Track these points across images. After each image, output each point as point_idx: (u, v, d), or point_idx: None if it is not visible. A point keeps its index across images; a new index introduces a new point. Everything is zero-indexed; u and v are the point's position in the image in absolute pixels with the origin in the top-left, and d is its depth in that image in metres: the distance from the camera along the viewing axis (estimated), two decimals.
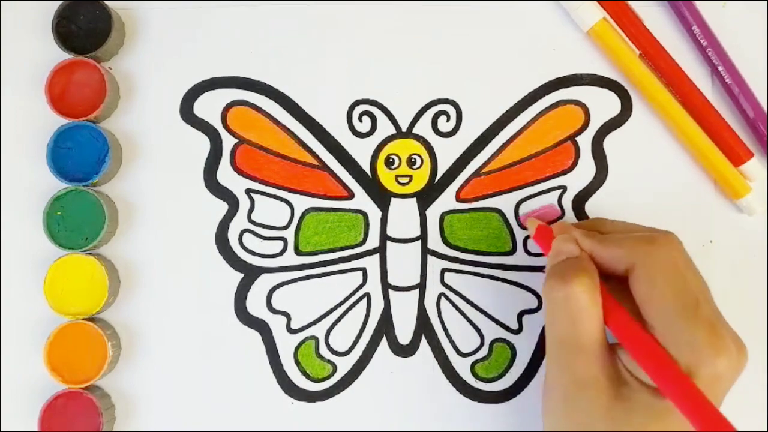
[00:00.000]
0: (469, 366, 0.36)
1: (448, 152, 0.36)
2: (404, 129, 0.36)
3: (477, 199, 0.36)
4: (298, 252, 0.36)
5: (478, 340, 0.36)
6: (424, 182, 0.36)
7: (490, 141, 0.36)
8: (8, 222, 0.36)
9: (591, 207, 0.36)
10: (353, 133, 0.36)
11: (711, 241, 0.36)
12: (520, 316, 0.36)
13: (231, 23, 0.37)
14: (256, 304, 0.36)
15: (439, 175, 0.36)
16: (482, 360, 0.36)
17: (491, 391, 0.36)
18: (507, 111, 0.36)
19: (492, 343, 0.36)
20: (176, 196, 0.36)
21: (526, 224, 0.35)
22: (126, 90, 0.36)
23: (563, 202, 0.36)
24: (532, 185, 0.36)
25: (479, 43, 0.37)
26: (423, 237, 0.36)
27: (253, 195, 0.36)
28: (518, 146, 0.36)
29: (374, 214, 0.36)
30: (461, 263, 0.36)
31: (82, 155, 0.35)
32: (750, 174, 0.36)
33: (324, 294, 0.36)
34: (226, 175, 0.36)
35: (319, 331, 0.36)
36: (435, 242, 0.36)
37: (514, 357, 0.36)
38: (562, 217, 0.36)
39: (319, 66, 0.37)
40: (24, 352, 0.35)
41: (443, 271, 0.36)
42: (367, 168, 0.36)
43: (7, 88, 0.36)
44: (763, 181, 0.36)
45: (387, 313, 0.36)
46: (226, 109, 0.36)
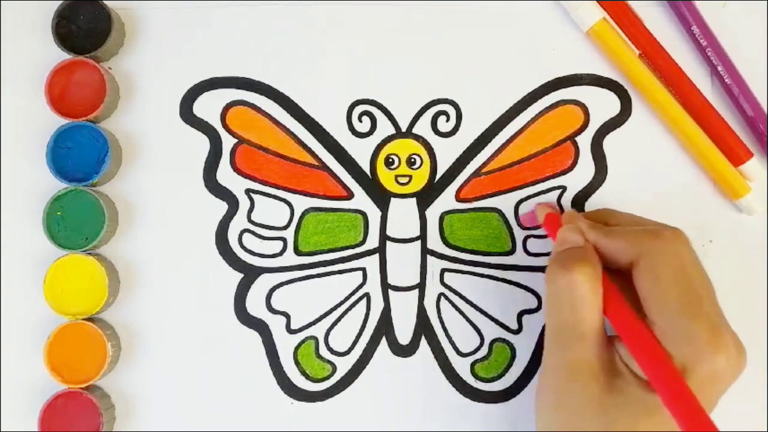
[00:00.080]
0: (469, 366, 0.36)
1: (447, 152, 0.36)
2: (404, 129, 0.36)
3: (477, 199, 0.36)
4: (297, 252, 0.36)
5: (477, 340, 0.36)
6: (423, 182, 0.36)
7: (489, 141, 0.36)
8: (8, 222, 0.36)
9: (591, 207, 0.36)
10: (353, 133, 0.36)
11: (710, 241, 0.36)
12: (520, 316, 0.36)
13: (231, 23, 0.37)
14: (255, 304, 0.36)
15: (438, 175, 0.36)
16: (482, 360, 0.36)
17: (491, 391, 0.36)
18: (507, 111, 0.36)
19: (492, 343, 0.36)
20: (176, 196, 0.36)
21: (536, 211, 0.35)
22: (126, 90, 0.36)
23: (563, 202, 0.36)
24: (532, 185, 0.36)
25: (479, 43, 0.37)
26: (423, 237, 0.36)
27: (252, 195, 0.36)
28: (518, 146, 0.36)
29: (374, 214, 0.36)
30: (461, 263, 0.36)
31: (82, 155, 0.35)
32: (750, 174, 0.36)
33: (324, 294, 0.36)
34: (225, 175, 0.36)
35: (318, 331, 0.36)
36: (435, 242, 0.36)
37: (513, 357, 0.36)
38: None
39: (319, 66, 0.37)
40: (24, 352, 0.35)
41: (443, 271, 0.36)
42: (366, 168, 0.36)
43: (7, 88, 0.36)
44: (763, 181, 0.36)
45: (387, 313, 0.36)
46: (226, 109, 0.36)
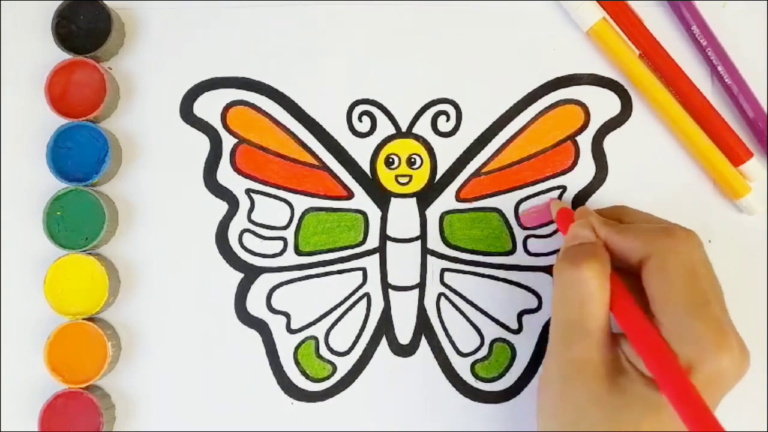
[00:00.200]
0: (469, 366, 0.36)
1: (447, 152, 0.36)
2: (404, 129, 0.37)
3: (477, 198, 0.36)
4: (298, 252, 0.36)
5: (477, 339, 0.36)
6: (423, 182, 0.36)
7: (489, 141, 0.36)
8: (8, 222, 0.36)
9: (591, 207, 0.36)
10: (353, 133, 0.36)
11: (710, 241, 0.36)
12: (520, 316, 0.36)
13: (231, 23, 0.37)
14: (255, 304, 0.36)
15: (438, 175, 0.36)
16: (482, 360, 0.36)
17: (491, 391, 0.36)
18: (507, 111, 0.36)
19: (492, 343, 0.36)
20: (176, 196, 0.36)
21: (550, 206, 0.35)
22: (126, 90, 0.36)
23: (563, 201, 0.36)
24: (532, 185, 0.36)
25: (479, 43, 0.37)
26: (423, 237, 0.36)
27: (253, 195, 0.36)
28: (518, 146, 0.36)
29: (374, 214, 0.36)
30: (461, 263, 0.36)
31: (82, 155, 0.35)
32: (750, 174, 0.36)
33: (324, 294, 0.36)
34: (226, 175, 0.36)
35: (318, 331, 0.36)
36: (435, 242, 0.36)
37: (513, 357, 0.36)
38: None
39: (319, 66, 0.37)
40: (24, 352, 0.35)
41: (443, 270, 0.36)
42: (366, 168, 0.36)
43: (7, 88, 0.36)
44: (763, 181, 0.36)
45: (387, 313, 0.36)
46: (226, 109, 0.36)
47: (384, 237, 0.36)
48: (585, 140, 0.36)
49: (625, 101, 0.36)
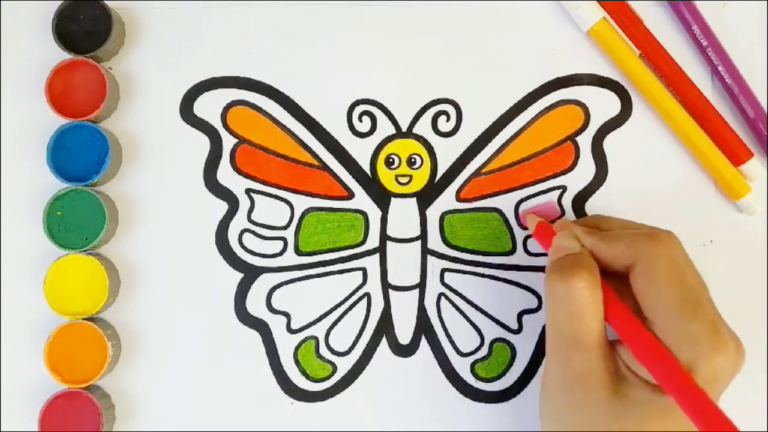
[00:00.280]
0: (469, 366, 0.36)
1: (448, 152, 0.36)
2: (404, 129, 0.36)
3: (477, 198, 0.36)
4: (298, 252, 0.36)
5: (477, 339, 0.36)
6: (424, 182, 0.36)
7: (490, 141, 0.36)
8: (8, 222, 0.36)
9: (591, 207, 0.36)
10: (353, 133, 0.36)
11: (711, 241, 0.36)
12: (520, 316, 0.36)
13: (231, 23, 0.37)
14: (256, 304, 0.36)
15: (439, 175, 0.36)
16: (482, 360, 0.36)
17: (491, 391, 0.36)
18: (507, 111, 0.36)
19: (492, 343, 0.36)
20: (176, 196, 0.36)
21: (526, 221, 0.35)
22: (126, 90, 0.36)
23: (563, 202, 0.36)
24: (532, 185, 0.36)
25: (479, 43, 0.37)
26: (423, 237, 0.36)
27: (253, 195, 0.36)
28: (518, 146, 0.36)
29: (374, 213, 0.36)
30: (461, 263, 0.36)
31: (82, 155, 0.35)
32: (750, 174, 0.36)
33: (324, 294, 0.36)
34: (226, 174, 0.36)
35: (319, 331, 0.36)
36: (435, 242, 0.36)
37: (513, 357, 0.36)
38: (561, 216, 0.36)
39: (319, 66, 0.37)
40: (24, 352, 0.35)
41: (443, 270, 0.36)
42: (367, 168, 0.36)
43: (7, 88, 0.36)
44: (763, 181, 0.36)
45: (387, 312, 0.36)
46: (226, 109, 0.36)
47: (384, 237, 0.36)
48: (585, 140, 0.36)
49: (625, 101, 0.36)
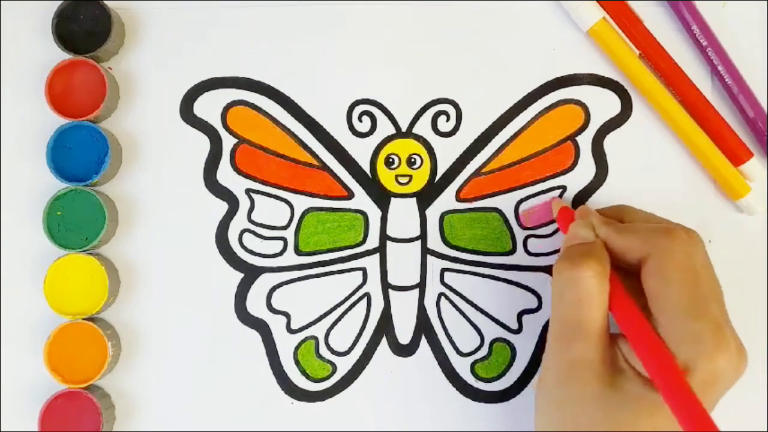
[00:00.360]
0: (469, 366, 0.36)
1: (447, 152, 0.36)
2: (404, 129, 0.36)
3: (477, 198, 0.36)
4: (298, 252, 0.36)
5: (477, 339, 0.36)
6: (424, 182, 0.36)
7: (489, 141, 0.36)
8: (8, 222, 0.36)
9: (591, 207, 0.36)
10: (353, 133, 0.36)
11: (710, 241, 0.36)
12: (520, 315, 0.36)
13: (231, 23, 0.37)
14: (256, 304, 0.36)
15: (438, 175, 0.36)
16: (482, 360, 0.36)
17: (491, 391, 0.36)
18: (507, 111, 0.36)
19: (492, 342, 0.36)
20: (176, 196, 0.36)
21: (552, 205, 0.35)
22: (126, 90, 0.36)
23: (563, 201, 0.36)
24: (532, 185, 0.36)
25: (479, 43, 0.37)
26: (423, 237, 0.36)
27: (253, 195, 0.36)
28: (518, 146, 0.36)
29: (374, 213, 0.36)
30: (461, 263, 0.36)
31: (82, 155, 0.35)
32: (750, 174, 0.36)
33: (324, 294, 0.36)
34: (226, 174, 0.36)
35: (318, 331, 0.36)
36: (435, 242, 0.36)
37: (513, 357, 0.36)
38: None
39: (319, 66, 0.37)
40: (24, 352, 0.35)
41: (443, 270, 0.36)
42: (367, 168, 0.36)
43: (7, 88, 0.36)
44: (763, 181, 0.36)
45: (387, 312, 0.36)
46: (226, 109, 0.36)
47: (384, 237, 0.36)
48: (585, 140, 0.36)
49: (625, 101, 0.36)
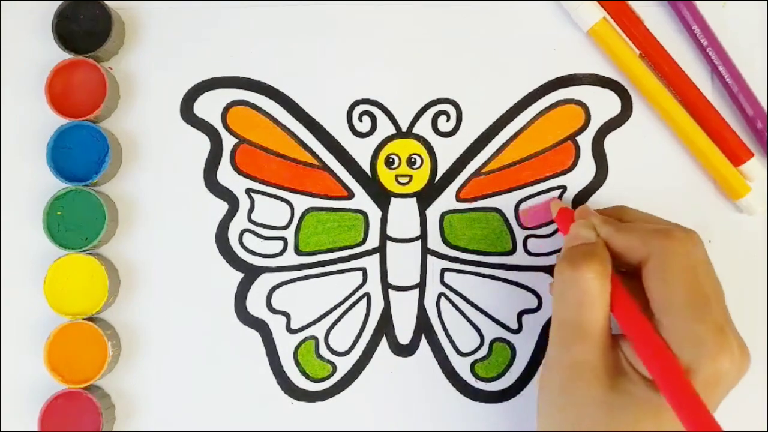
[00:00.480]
0: (469, 366, 0.36)
1: (448, 152, 0.36)
2: (404, 129, 0.37)
3: (477, 198, 0.36)
4: (298, 252, 0.36)
5: (477, 339, 0.36)
6: (424, 182, 0.36)
7: (490, 141, 0.36)
8: (8, 222, 0.36)
9: (591, 207, 0.36)
10: (353, 133, 0.36)
11: (710, 241, 0.36)
12: (520, 315, 0.36)
13: (231, 23, 0.37)
14: (256, 304, 0.36)
15: (439, 175, 0.36)
16: (482, 360, 0.36)
17: (491, 391, 0.36)
18: (507, 111, 0.36)
19: (492, 342, 0.36)
20: (176, 196, 0.36)
21: (551, 206, 0.35)
22: (126, 90, 0.36)
23: (563, 201, 0.36)
24: (532, 185, 0.36)
25: (479, 43, 0.37)
26: (423, 237, 0.36)
27: (253, 195, 0.36)
28: (518, 146, 0.36)
29: (374, 213, 0.36)
30: (461, 263, 0.36)
31: (82, 155, 0.35)
32: (750, 174, 0.36)
33: (324, 294, 0.36)
34: (226, 174, 0.36)
35: (318, 331, 0.36)
36: (435, 242, 0.36)
37: (513, 357, 0.36)
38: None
39: (319, 66, 0.37)
40: (24, 352, 0.35)
41: (443, 270, 0.36)
42: (367, 168, 0.36)
43: (7, 88, 0.36)
44: (763, 181, 0.36)
45: (387, 312, 0.36)
46: (227, 109, 0.36)
47: (384, 237, 0.36)
48: (585, 140, 0.36)
49: (625, 101, 0.36)
